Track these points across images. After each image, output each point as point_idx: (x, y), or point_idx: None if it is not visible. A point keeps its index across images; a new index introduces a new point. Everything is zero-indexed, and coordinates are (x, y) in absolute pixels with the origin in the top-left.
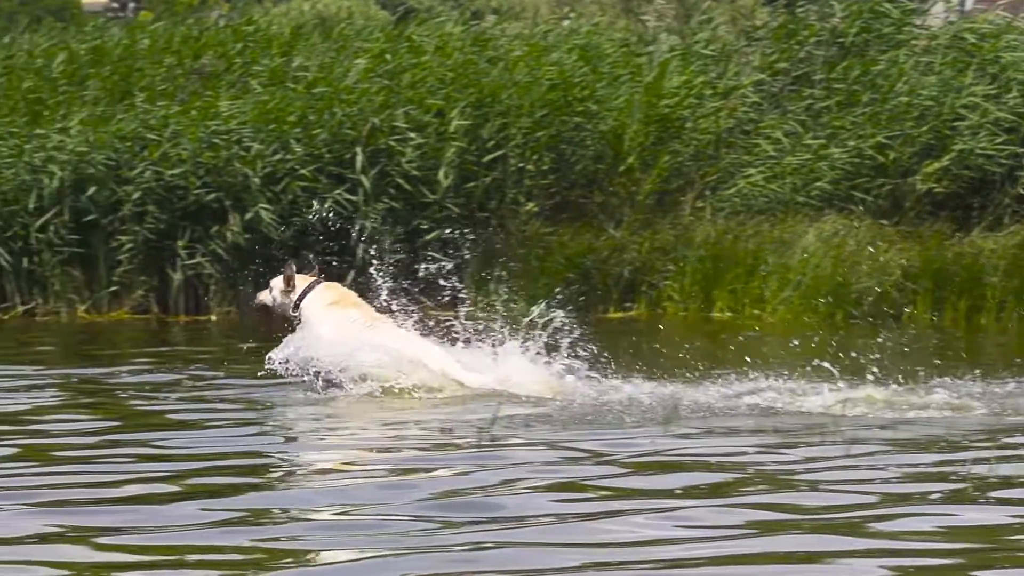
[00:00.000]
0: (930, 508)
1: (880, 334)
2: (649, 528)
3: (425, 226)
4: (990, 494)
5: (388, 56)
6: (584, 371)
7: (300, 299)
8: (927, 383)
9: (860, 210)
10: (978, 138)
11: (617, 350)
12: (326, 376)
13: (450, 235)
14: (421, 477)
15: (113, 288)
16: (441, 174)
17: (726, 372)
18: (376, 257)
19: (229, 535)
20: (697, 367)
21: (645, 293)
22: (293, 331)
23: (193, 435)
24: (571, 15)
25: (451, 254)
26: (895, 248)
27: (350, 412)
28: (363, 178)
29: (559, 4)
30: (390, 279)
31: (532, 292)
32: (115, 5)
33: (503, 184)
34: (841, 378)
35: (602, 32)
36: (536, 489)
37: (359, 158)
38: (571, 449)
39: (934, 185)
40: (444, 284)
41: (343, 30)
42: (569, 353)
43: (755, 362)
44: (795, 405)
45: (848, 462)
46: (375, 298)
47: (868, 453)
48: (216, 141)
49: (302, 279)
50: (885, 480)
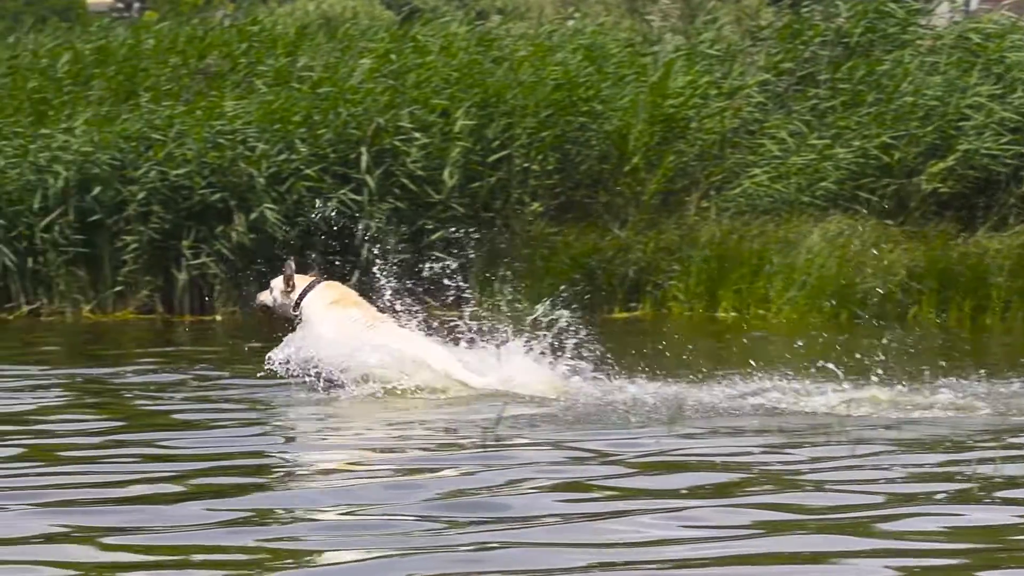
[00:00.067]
0: (935, 508)
1: (885, 334)
2: (655, 528)
3: (430, 226)
4: (995, 494)
5: (393, 56)
6: (588, 371)
7: (300, 298)
8: (932, 383)
9: (865, 210)
10: (983, 138)
11: (622, 350)
12: (327, 376)
13: (455, 234)
14: (426, 477)
15: (118, 288)
16: (446, 174)
17: (731, 372)
18: (379, 257)
19: (234, 535)
20: (702, 367)
21: (650, 293)
22: (294, 331)
23: (198, 435)
24: (576, 15)
25: (456, 254)
26: (900, 248)
27: (354, 412)
28: (368, 178)
29: (564, 4)
30: (394, 279)
31: (537, 292)
32: (120, 5)
33: (508, 184)
34: (846, 378)
35: (607, 32)
36: (542, 489)
37: (364, 158)
38: (576, 449)
39: (939, 185)
40: (448, 284)
41: (348, 30)
42: (574, 354)
43: (760, 362)
44: (800, 405)
45: (853, 462)
46: (378, 298)
47: (873, 453)
48: (221, 141)
49: (302, 279)
50: (890, 480)
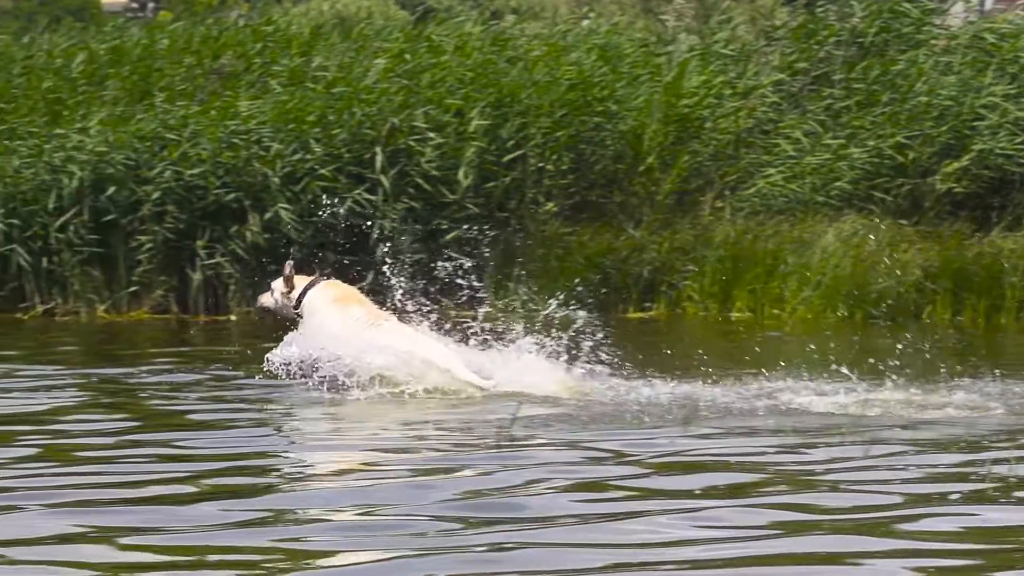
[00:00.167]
0: (951, 509)
1: (899, 334)
2: (672, 528)
3: (445, 226)
4: (1011, 494)
5: (407, 56)
6: (602, 371)
7: (300, 298)
8: (947, 383)
9: (879, 210)
10: (998, 138)
11: (636, 350)
12: (329, 374)
13: (469, 233)
14: (442, 478)
15: (133, 288)
16: (461, 174)
17: (746, 372)
18: (390, 256)
19: (249, 535)
20: (716, 367)
21: (665, 293)
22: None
23: (213, 435)
24: (590, 15)
25: (470, 253)
26: (914, 248)
27: (369, 413)
28: (383, 178)
29: (578, 4)
30: (406, 279)
31: (551, 292)
32: (134, 5)
33: (523, 184)
34: (860, 378)
35: (621, 32)
36: (558, 489)
37: (379, 158)
38: (592, 449)
39: (954, 185)
40: (462, 284)
41: (363, 30)
42: (589, 354)
43: (775, 362)
44: (815, 405)
45: (868, 462)
46: (390, 298)
47: (888, 454)
48: (236, 141)
49: (301, 279)
50: (905, 481)
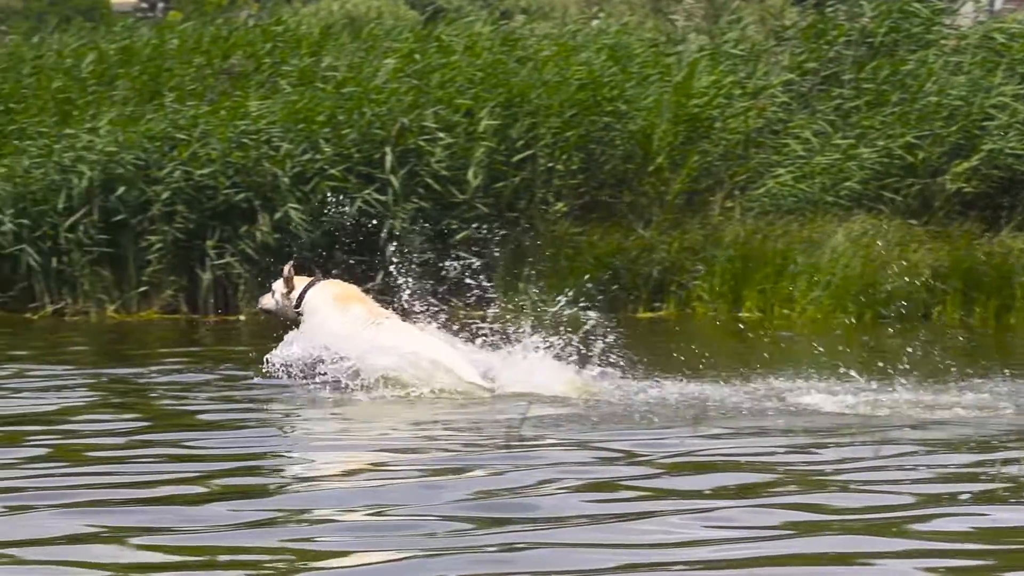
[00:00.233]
0: (961, 509)
1: (909, 334)
2: (684, 529)
3: (454, 226)
4: (1022, 494)
5: (417, 56)
6: (612, 372)
7: (301, 297)
8: (957, 383)
9: (889, 210)
10: (1007, 138)
11: (646, 350)
12: (333, 376)
13: (479, 233)
14: (453, 478)
15: (142, 288)
16: (470, 174)
17: (755, 372)
18: (397, 256)
19: (260, 536)
20: (726, 367)
21: (674, 293)
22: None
23: (223, 435)
24: (600, 15)
25: (480, 253)
26: (924, 248)
27: (379, 413)
28: (392, 178)
29: (588, 4)
30: (415, 279)
31: (561, 291)
32: (144, 5)
33: (532, 184)
34: (870, 378)
35: (631, 32)
36: (569, 489)
37: (388, 158)
38: (602, 449)
39: (963, 185)
40: (471, 284)
41: (372, 30)
42: (599, 355)
43: (784, 362)
44: (824, 405)
45: (879, 463)
46: (398, 298)
47: (898, 454)
48: (245, 141)
49: (301, 279)
50: (916, 481)
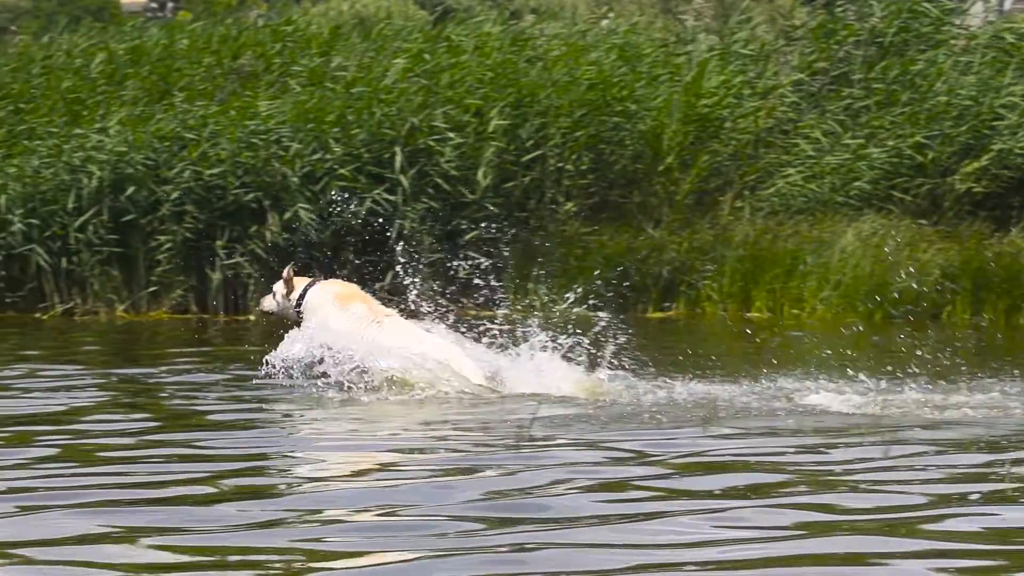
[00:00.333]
0: (972, 509)
1: (919, 334)
2: (695, 529)
3: (464, 226)
4: None
5: (427, 56)
6: (621, 372)
7: (301, 298)
8: (966, 383)
9: (899, 210)
10: (1017, 137)
11: (656, 350)
12: (336, 377)
13: (488, 233)
14: (463, 478)
15: (152, 288)
16: (480, 174)
17: (765, 372)
18: (404, 255)
19: (270, 536)
20: (736, 367)
21: (684, 293)
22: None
23: (233, 435)
24: (610, 15)
25: (490, 253)
26: (934, 248)
27: (388, 413)
28: (402, 178)
29: (598, 4)
30: (423, 279)
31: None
32: (154, 5)
33: (542, 184)
34: (880, 378)
35: (641, 32)
36: (580, 489)
37: (398, 158)
38: (613, 449)
39: (973, 185)
40: (481, 284)
41: (382, 30)
42: (609, 355)
43: (794, 362)
44: (834, 405)
45: (889, 463)
46: (407, 298)
47: (908, 454)
48: (255, 141)
49: (301, 280)
50: (926, 481)
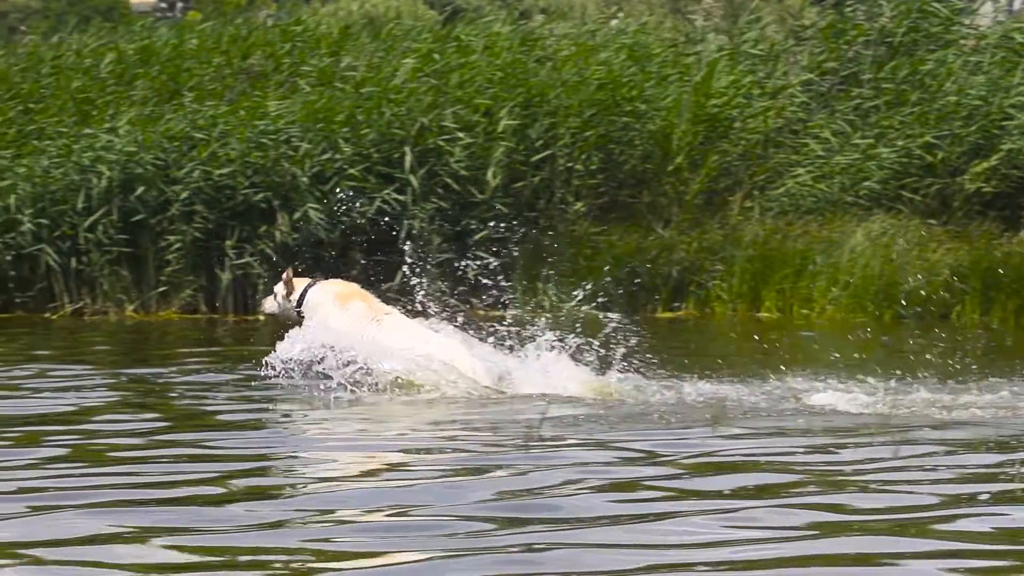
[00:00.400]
0: (982, 509)
1: (928, 334)
2: (707, 529)
3: (474, 226)
4: None
5: (436, 56)
6: (631, 372)
7: (302, 298)
8: (976, 383)
9: (908, 210)
10: None
11: (665, 350)
12: (339, 379)
13: (498, 232)
14: (474, 478)
15: (162, 288)
16: (489, 174)
17: (774, 372)
18: (411, 256)
19: (280, 536)
20: (745, 367)
21: (694, 293)
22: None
23: (243, 435)
24: (619, 15)
25: (499, 252)
26: (943, 248)
27: (398, 413)
28: (412, 178)
29: (607, 4)
30: (432, 279)
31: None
32: (163, 5)
33: (551, 184)
34: (889, 378)
35: (650, 32)
36: (592, 490)
37: (408, 158)
38: (623, 449)
39: (982, 185)
40: (490, 284)
41: (391, 30)
42: (619, 355)
43: (804, 362)
44: (843, 405)
45: (898, 463)
46: (416, 298)
47: (918, 454)
48: (264, 141)
49: (301, 281)
50: (935, 481)
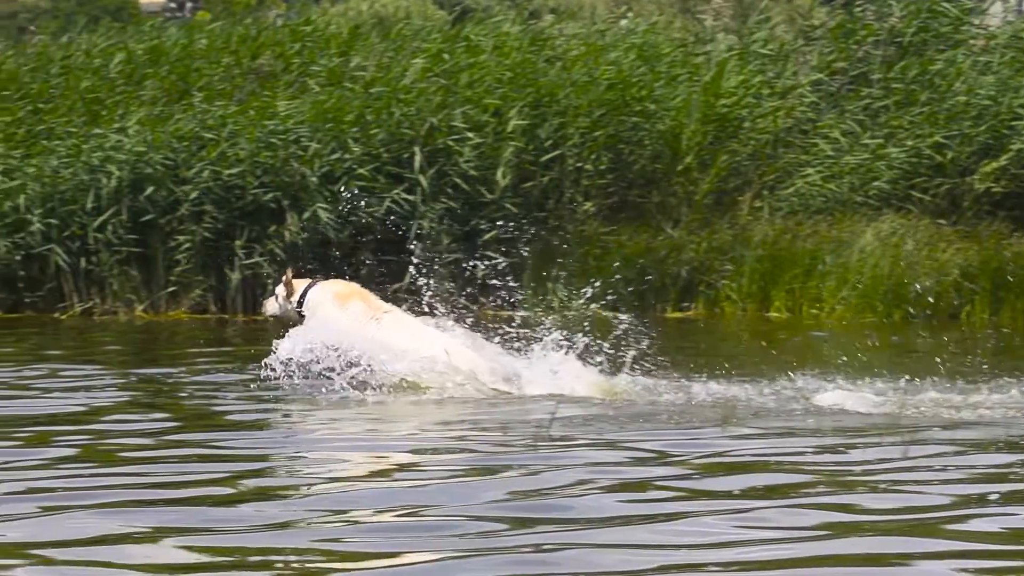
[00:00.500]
0: (992, 509)
1: (938, 334)
2: (718, 530)
3: (483, 226)
4: None
5: (446, 56)
6: (640, 375)
7: (301, 299)
8: (985, 383)
9: (918, 210)
10: None
11: (675, 350)
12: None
13: (507, 232)
14: (484, 478)
15: (171, 288)
16: (499, 174)
17: (784, 372)
18: (417, 256)
19: (290, 536)
20: (755, 367)
21: (703, 293)
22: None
23: (253, 435)
24: (629, 15)
25: (508, 252)
26: (953, 248)
27: (407, 413)
28: (421, 178)
29: (616, 4)
30: (441, 279)
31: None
32: (173, 5)
33: (561, 184)
34: (899, 378)
35: (660, 32)
36: (603, 490)
37: (417, 158)
38: (633, 449)
39: (992, 185)
40: (498, 284)
41: (401, 30)
42: (628, 355)
43: (813, 362)
44: (853, 405)
45: (908, 463)
46: (420, 299)
47: (928, 455)
48: (274, 141)
49: (301, 282)
50: (945, 481)
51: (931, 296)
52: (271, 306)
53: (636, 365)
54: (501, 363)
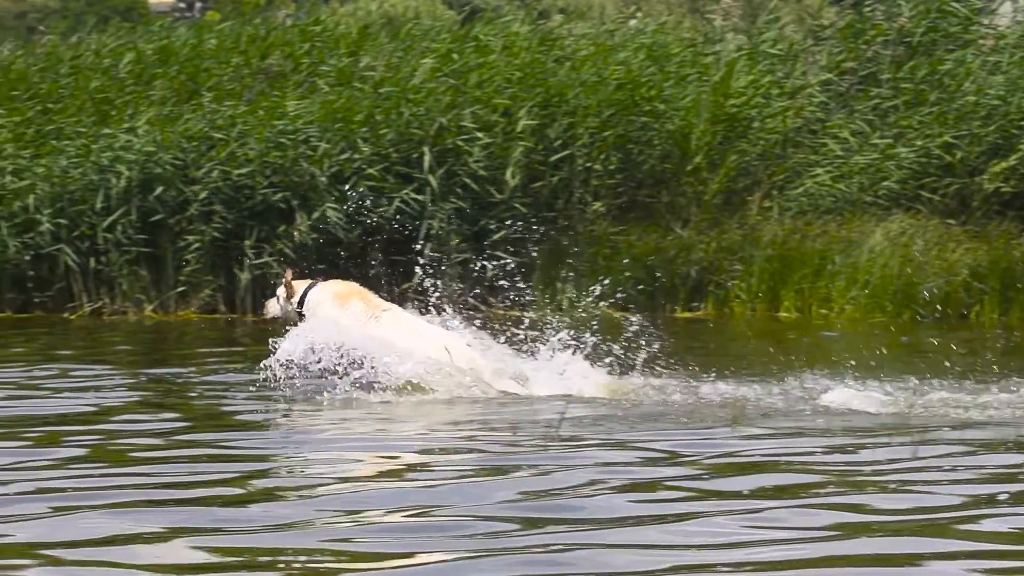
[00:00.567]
0: (1002, 509)
1: (947, 334)
2: (730, 530)
3: (492, 226)
4: None
5: (455, 56)
6: (649, 372)
7: (302, 300)
8: (995, 383)
9: (927, 210)
10: None
11: (684, 350)
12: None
13: (516, 232)
14: (495, 478)
15: (180, 288)
16: (508, 174)
17: (793, 372)
18: (427, 257)
19: (300, 537)
20: (765, 367)
21: (712, 293)
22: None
23: (262, 435)
24: (638, 15)
25: (517, 252)
26: (962, 248)
27: (417, 413)
28: (430, 178)
29: (626, 3)
30: (449, 279)
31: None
32: (182, 5)
33: (570, 184)
34: (908, 378)
35: (669, 32)
36: (614, 490)
37: (426, 158)
38: (643, 449)
39: (1001, 184)
40: (508, 284)
41: (410, 30)
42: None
43: (823, 362)
44: (862, 405)
45: (918, 463)
46: (428, 298)
47: (937, 455)
48: (283, 141)
49: (301, 283)
50: (955, 481)
51: (940, 297)
52: (272, 307)
53: (644, 363)
54: (507, 363)
